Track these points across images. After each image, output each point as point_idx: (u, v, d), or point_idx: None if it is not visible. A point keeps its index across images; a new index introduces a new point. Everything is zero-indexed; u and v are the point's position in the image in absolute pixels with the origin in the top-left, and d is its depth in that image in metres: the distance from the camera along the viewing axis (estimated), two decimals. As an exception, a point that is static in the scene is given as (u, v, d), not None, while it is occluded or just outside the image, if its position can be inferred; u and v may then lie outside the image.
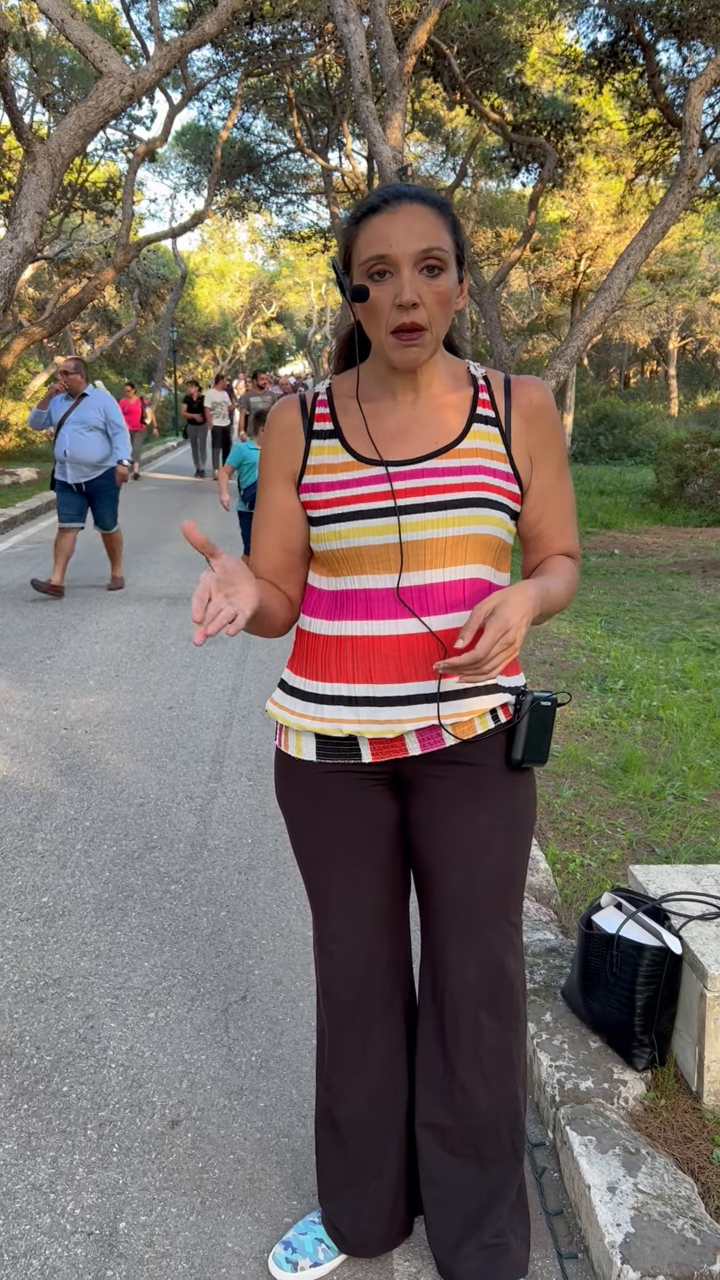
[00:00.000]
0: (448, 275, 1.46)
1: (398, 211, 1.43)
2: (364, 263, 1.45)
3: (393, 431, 1.57)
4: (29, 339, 13.43)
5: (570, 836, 3.53)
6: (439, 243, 1.44)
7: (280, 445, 1.62)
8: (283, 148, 23.00)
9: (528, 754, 1.59)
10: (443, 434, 1.55)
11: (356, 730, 1.58)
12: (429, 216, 1.44)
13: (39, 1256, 1.88)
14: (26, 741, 4.61)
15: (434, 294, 1.45)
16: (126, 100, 10.39)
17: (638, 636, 6.48)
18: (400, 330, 1.45)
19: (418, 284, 1.44)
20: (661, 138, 14.78)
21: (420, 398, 1.57)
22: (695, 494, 12.75)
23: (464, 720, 1.56)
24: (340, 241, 1.54)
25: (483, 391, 1.58)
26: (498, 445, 1.56)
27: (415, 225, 1.43)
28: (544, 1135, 2.20)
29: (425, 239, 1.43)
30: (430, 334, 1.46)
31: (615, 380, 38.37)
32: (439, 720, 1.55)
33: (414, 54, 10.55)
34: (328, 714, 1.60)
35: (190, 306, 37.70)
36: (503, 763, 1.61)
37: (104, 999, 2.68)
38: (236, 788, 4.10)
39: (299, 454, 1.61)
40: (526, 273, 25.11)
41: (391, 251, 1.42)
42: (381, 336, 1.47)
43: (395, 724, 1.56)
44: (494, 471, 1.54)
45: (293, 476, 1.62)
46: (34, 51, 17.10)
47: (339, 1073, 1.77)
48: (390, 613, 1.54)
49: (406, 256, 1.42)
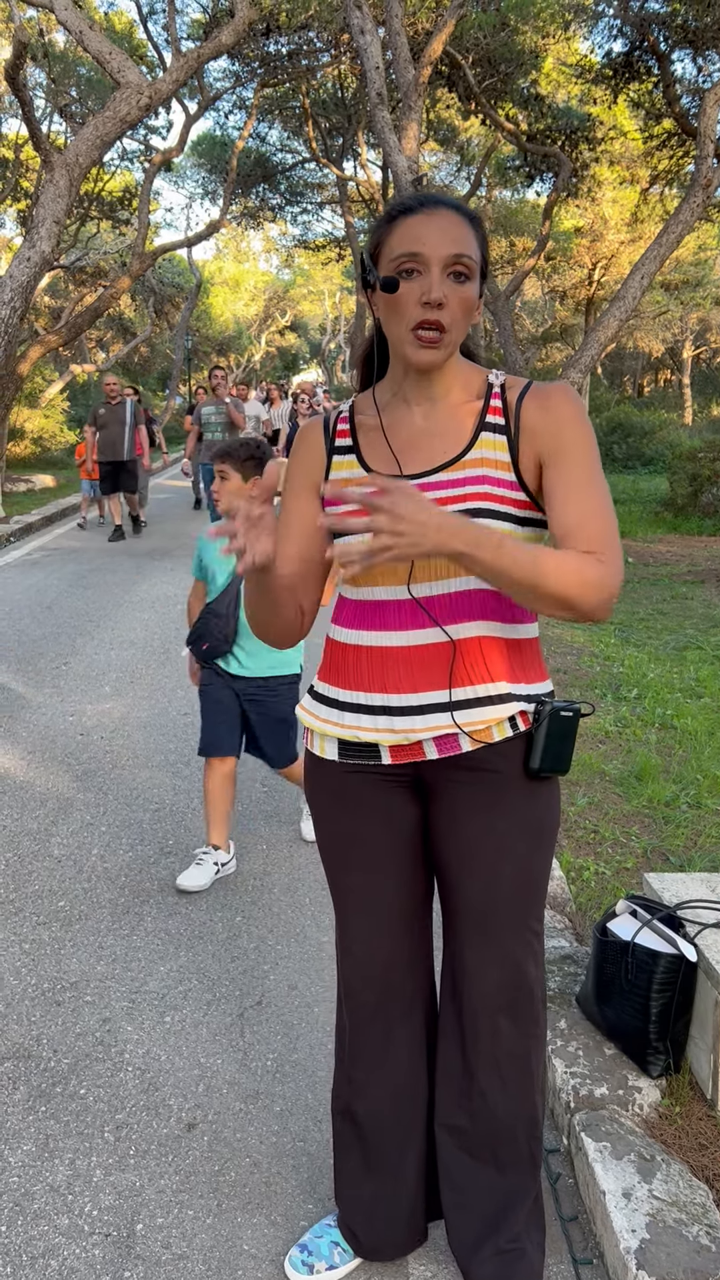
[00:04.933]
0: (473, 284, 1.49)
1: (434, 215, 1.47)
2: (395, 259, 1.47)
3: (403, 444, 1.59)
4: (45, 347, 13.52)
5: (585, 844, 3.54)
6: (469, 251, 1.47)
7: (304, 462, 1.68)
8: (298, 157, 23.12)
9: (546, 763, 1.59)
10: (451, 446, 1.56)
11: (374, 738, 1.60)
12: (462, 225, 1.48)
13: (57, 1257, 1.90)
14: (43, 747, 4.64)
15: (459, 299, 1.47)
16: (143, 110, 10.47)
17: (652, 645, 6.48)
18: (422, 326, 1.47)
19: (445, 286, 1.46)
20: (676, 147, 14.80)
21: (435, 406, 1.59)
22: (709, 503, 12.73)
23: (480, 728, 1.57)
24: (371, 238, 1.56)
25: (495, 399, 1.58)
26: (503, 454, 1.55)
27: (449, 230, 1.46)
28: (559, 1141, 2.20)
29: (458, 244, 1.46)
30: (449, 337, 1.48)
31: (629, 389, 38.35)
32: (456, 726, 1.56)
33: (429, 64, 10.60)
34: (348, 721, 1.62)
35: (205, 315, 37.86)
36: (522, 771, 1.62)
37: (120, 1003, 2.70)
38: (252, 793, 4.12)
39: (321, 470, 1.66)
40: (541, 281, 25.16)
41: (424, 250, 1.45)
42: (402, 333, 1.49)
43: (410, 733, 1.57)
44: (497, 481, 1.54)
45: (317, 489, 1.66)
46: (52, 62, 17.25)
47: (360, 1070, 1.79)
48: (401, 623, 1.56)
49: (438, 258, 1.45)
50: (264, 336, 48.33)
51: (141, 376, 34.32)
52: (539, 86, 15.47)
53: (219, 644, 3.30)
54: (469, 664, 1.56)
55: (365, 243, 1.60)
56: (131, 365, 33.43)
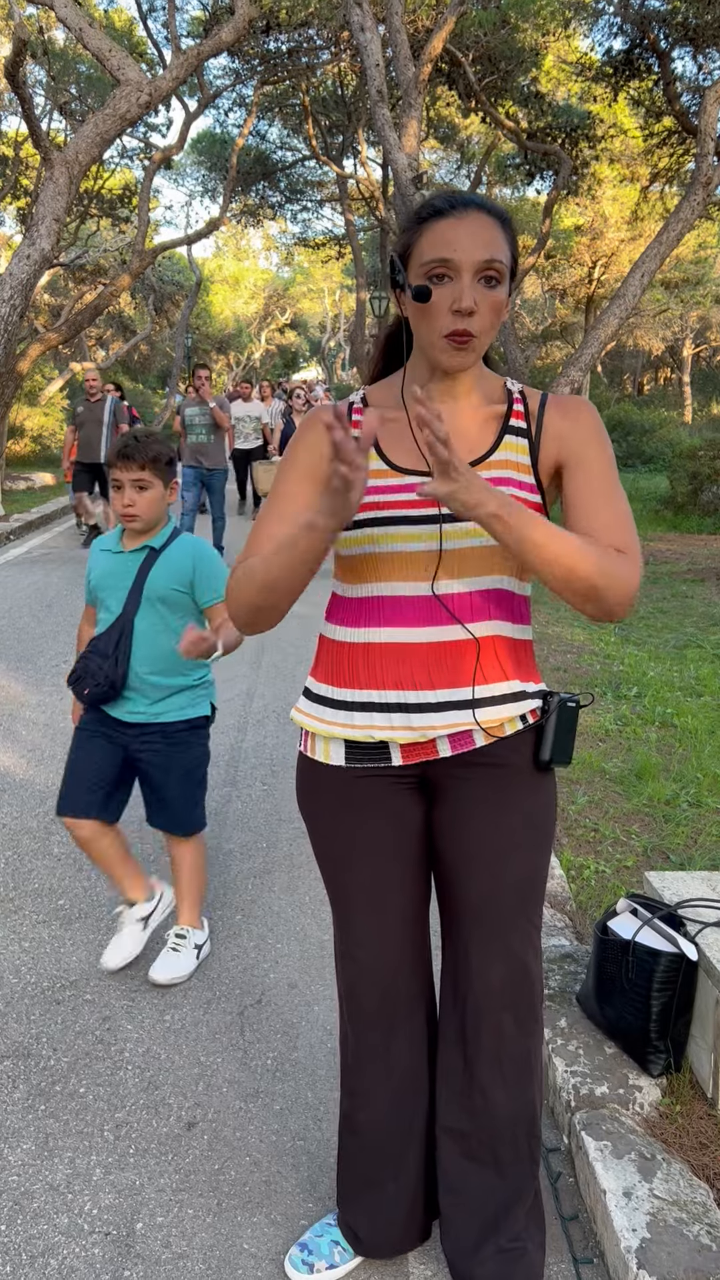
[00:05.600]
0: (503, 287, 1.48)
1: (465, 218, 1.45)
2: (425, 264, 1.47)
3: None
4: (45, 345, 13.51)
5: (585, 843, 3.54)
6: (500, 255, 1.46)
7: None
8: (298, 155, 23.10)
9: (554, 754, 1.62)
10: (477, 445, 1.57)
11: (388, 736, 1.59)
12: (493, 228, 1.46)
13: (56, 1256, 1.89)
14: (43, 745, 4.63)
15: (489, 304, 1.47)
16: (143, 108, 10.45)
17: (652, 643, 6.48)
18: (454, 335, 1.47)
19: (476, 292, 1.45)
20: (676, 145, 14.79)
21: (459, 408, 1.59)
22: (709, 501, 12.72)
23: (495, 725, 1.59)
24: (400, 238, 1.54)
25: (517, 404, 1.60)
26: (524, 457, 1.57)
27: (481, 234, 1.45)
28: (559, 1140, 2.20)
29: (489, 249, 1.45)
30: (480, 341, 1.49)
31: (629, 387, 38.32)
32: (476, 724, 1.56)
33: (429, 62, 10.59)
34: (359, 721, 1.61)
35: (205, 313, 37.84)
36: (529, 762, 1.63)
37: (120, 1001, 2.69)
38: (251, 792, 4.12)
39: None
40: (541, 280, 25.14)
41: (455, 257, 1.44)
42: (434, 339, 1.49)
43: (428, 730, 1.57)
44: (519, 484, 1.55)
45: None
46: (52, 60, 17.23)
47: (362, 1078, 1.78)
48: (421, 619, 1.56)
49: (469, 264, 1.44)
50: (264, 334, 48.30)
51: (141, 375, 34.30)
52: (539, 84, 15.46)
53: (102, 690, 2.66)
54: (487, 663, 1.57)
55: (395, 241, 1.59)
56: (131, 363, 33.41)
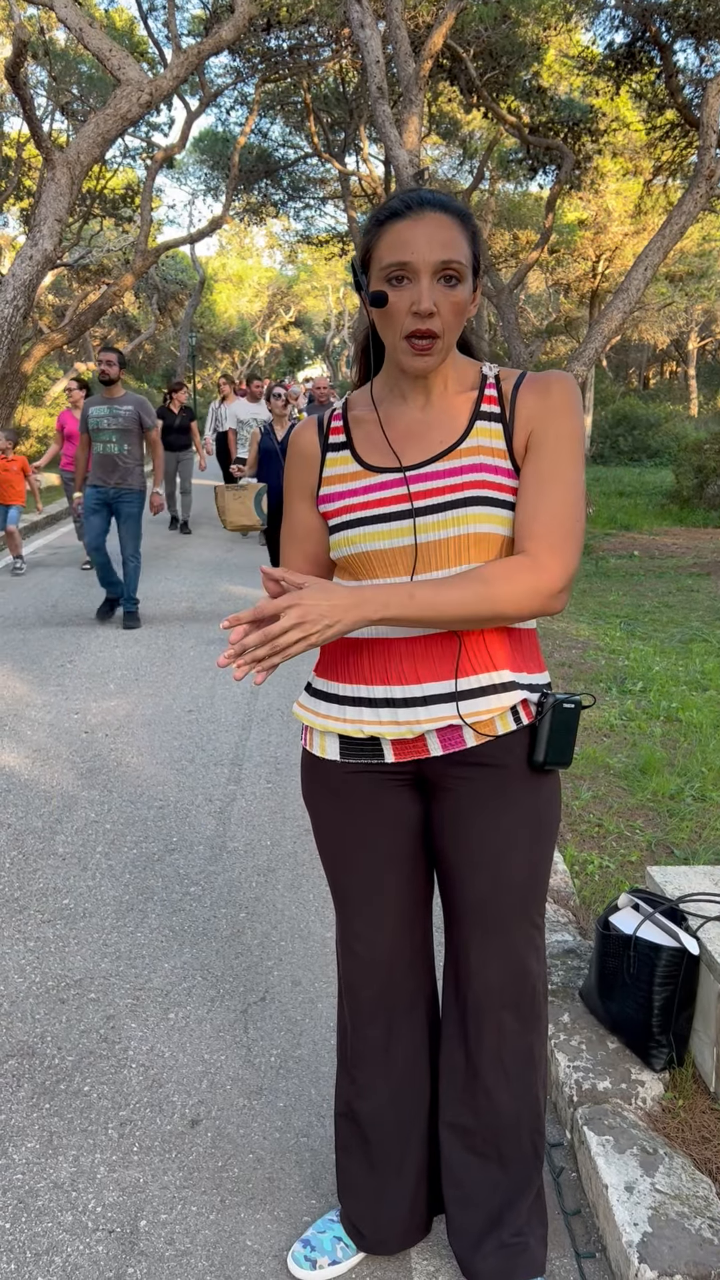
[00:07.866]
0: (464, 286, 1.48)
1: (421, 219, 1.44)
2: (384, 268, 1.47)
3: (401, 436, 1.59)
4: (49, 345, 13.53)
5: (589, 838, 3.53)
6: (458, 254, 1.45)
7: (299, 465, 1.68)
8: (300, 152, 23.07)
9: (550, 755, 1.60)
10: (448, 435, 1.57)
11: (377, 731, 1.59)
12: (451, 226, 1.45)
13: (60, 1254, 1.90)
14: (48, 744, 4.64)
15: (450, 304, 1.47)
16: (144, 107, 10.46)
17: (657, 638, 6.46)
18: (414, 336, 1.47)
19: (435, 293, 1.45)
20: (679, 138, 14.73)
21: (431, 401, 1.59)
22: (715, 495, 12.69)
23: (484, 719, 1.57)
24: (360, 242, 1.55)
25: (490, 389, 1.58)
26: (499, 441, 1.55)
27: (437, 235, 1.44)
28: (562, 1135, 2.20)
29: (446, 250, 1.44)
30: (442, 342, 1.49)
31: (634, 381, 38.24)
32: (460, 717, 1.55)
33: (430, 58, 10.57)
34: (349, 715, 1.62)
35: (209, 311, 37.86)
36: (525, 763, 1.62)
37: (124, 1000, 2.70)
38: (255, 790, 4.12)
39: (315, 470, 1.66)
40: (544, 274, 25.08)
41: (412, 259, 1.44)
42: (395, 341, 1.50)
43: (414, 724, 1.57)
44: (493, 468, 1.54)
45: (312, 493, 1.67)
46: (53, 60, 17.24)
47: (362, 1069, 1.79)
48: None
49: (426, 265, 1.44)
50: (268, 333, 48.30)
51: (146, 374, 34.33)
52: (541, 79, 15.41)
53: None
54: (473, 653, 1.56)
55: (353, 253, 1.60)
56: (136, 363, 33.43)
